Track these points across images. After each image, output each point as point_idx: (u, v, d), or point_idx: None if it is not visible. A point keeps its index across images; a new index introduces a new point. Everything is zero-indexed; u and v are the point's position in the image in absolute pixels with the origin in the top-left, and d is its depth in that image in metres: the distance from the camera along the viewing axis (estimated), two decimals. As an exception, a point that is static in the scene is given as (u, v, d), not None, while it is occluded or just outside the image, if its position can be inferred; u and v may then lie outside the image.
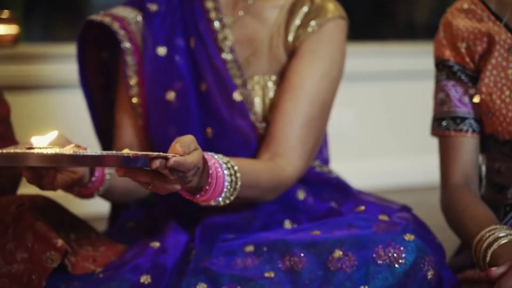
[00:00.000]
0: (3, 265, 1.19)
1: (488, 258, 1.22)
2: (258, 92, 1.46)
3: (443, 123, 1.43)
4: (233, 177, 1.24)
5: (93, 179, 1.28)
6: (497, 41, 1.36)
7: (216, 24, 1.47)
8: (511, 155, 1.36)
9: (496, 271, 1.15)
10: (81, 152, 1.03)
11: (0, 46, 2.47)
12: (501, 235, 1.24)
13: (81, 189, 1.28)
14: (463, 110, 1.42)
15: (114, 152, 1.03)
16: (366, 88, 3.05)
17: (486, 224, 1.28)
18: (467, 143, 1.41)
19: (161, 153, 1.05)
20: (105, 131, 1.59)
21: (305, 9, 1.46)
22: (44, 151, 1.02)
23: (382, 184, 2.92)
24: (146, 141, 1.49)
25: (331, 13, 1.46)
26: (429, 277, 1.23)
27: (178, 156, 1.06)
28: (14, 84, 2.44)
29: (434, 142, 1.48)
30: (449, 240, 1.39)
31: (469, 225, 1.33)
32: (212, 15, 1.47)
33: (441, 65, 1.44)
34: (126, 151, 1.05)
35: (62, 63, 2.54)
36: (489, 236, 1.24)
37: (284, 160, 1.39)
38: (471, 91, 1.41)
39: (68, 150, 1.04)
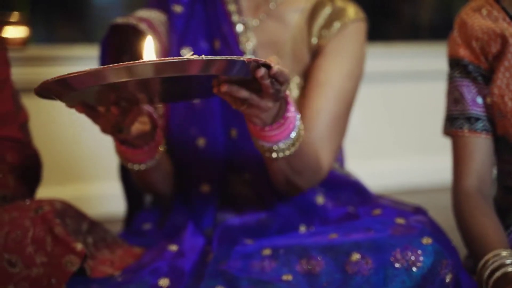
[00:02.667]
0: (23, 269, 1.19)
1: (490, 284, 1.23)
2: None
3: (457, 123, 1.42)
4: (300, 131, 1.25)
5: (152, 143, 1.30)
6: (510, 43, 1.36)
7: (239, 27, 1.49)
8: None
9: None
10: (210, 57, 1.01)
11: (9, 48, 2.46)
12: (507, 262, 1.24)
13: (139, 152, 1.30)
14: (477, 110, 1.41)
15: (224, 56, 1.02)
16: (371, 89, 3.06)
17: (493, 243, 1.28)
18: (482, 144, 1.41)
19: (260, 59, 1.05)
20: None
21: (327, 10, 1.49)
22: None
23: (387, 185, 2.93)
24: (167, 141, 1.49)
25: (354, 15, 1.49)
26: (447, 281, 1.23)
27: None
28: (25, 86, 2.44)
29: (439, 142, 1.47)
30: (460, 242, 1.39)
31: (476, 241, 1.33)
32: (235, 18, 1.49)
33: (455, 63, 1.44)
34: None
35: (66, 65, 2.55)
36: (494, 262, 1.24)
37: None
38: (485, 91, 1.41)
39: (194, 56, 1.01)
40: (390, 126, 3.14)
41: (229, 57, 1.02)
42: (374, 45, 3.21)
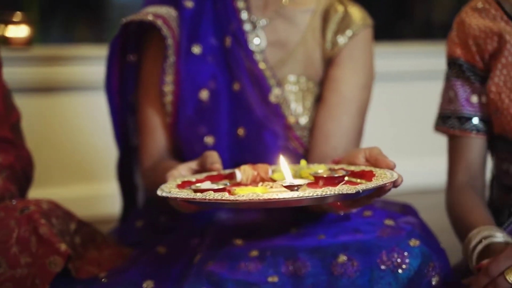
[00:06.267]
0: (7, 269, 1.20)
1: (474, 258, 1.23)
2: (293, 93, 1.47)
3: (449, 122, 1.44)
4: None
5: None
6: (507, 41, 1.35)
7: (248, 25, 1.48)
8: None
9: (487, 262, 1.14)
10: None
11: (13, 48, 2.49)
12: (489, 234, 1.24)
13: None
14: (469, 110, 1.42)
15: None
16: (384, 88, 3.03)
17: (477, 221, 1.30)
18: (472, 143, 1.42)
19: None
20: (121, 135, 1.60)
21: (339, 14, 1.49)
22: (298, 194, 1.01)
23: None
24: (174, 140, 1.50)
25: (364, 21, 1.50)
26: (434, 283, 1.21)
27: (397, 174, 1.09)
28: (30, 86, 2.46)
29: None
30: (450, 244, 1.37)
31: (463, 224, 1.34)
32: (244, 15, 1.49)
33: (452, 63, 1.44)
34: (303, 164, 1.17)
35: (80, 65, 2.56)
36: (477, 236, 1.25)
37: None
38: (479, 91, 1.41)
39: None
40: (405, 126, 3.11)
41: (364, 188, 1.02)
42: (388, 44, 3.19)
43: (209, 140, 1.47)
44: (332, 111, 1.47)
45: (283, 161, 1.13)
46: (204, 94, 1.46)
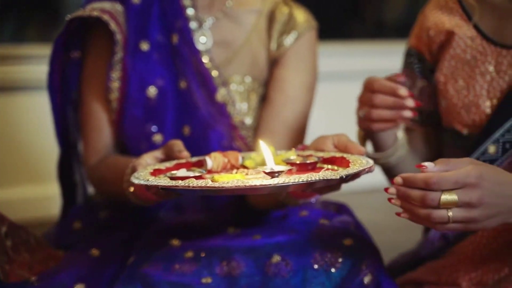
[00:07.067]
0: None
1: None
2: (238, 93, 1.47)
3: None
4: None
5: None
6: (457, 34, 1.38)
7: (194, 23, 1.48)
8: (465, 150, 1.36)
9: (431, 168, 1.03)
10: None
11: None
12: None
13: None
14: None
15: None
16: (336, 87, 3.04)
17: None
18: (411, 131, 1.47)
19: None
20: (62, 132, 1.57)
21: (284, 17, 1.50)
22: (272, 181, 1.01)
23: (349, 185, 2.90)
24: (119, 137, 1.48)
25: (308, 23, 1.51)
26: (366, 282, 1.21)
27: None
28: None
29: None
30: (386, 243, 1.38)
31: None
32: (189, 12, 1.48)
33: (406, 54, 1.48)
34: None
35: (30, 64, 2.53)
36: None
37: None
38: (419, 83, 1.45)
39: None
40: (356, 126, 3.11)
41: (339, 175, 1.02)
42: (340, 43, 3.20)
43: (157, 138, 1.46)
44: (277, 111, 1.47)
45: (264, 147, 1.12)
46: (151, 92, 1.45)
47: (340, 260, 1.22)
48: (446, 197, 0.98)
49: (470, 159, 1.02)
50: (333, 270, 1.22)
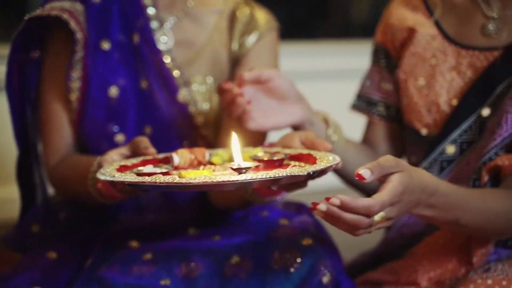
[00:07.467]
0: None
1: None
2: (200, 93, 1.46)
3: (360, 103, 1.51)
4: None
5: None
6: (418, 31, 1.39)
7: (155, 23, 1.46)
8: (424, 150, 1.37)
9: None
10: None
11: None
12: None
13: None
14: (377, 95, 1.48)
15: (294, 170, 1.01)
16: (302, 87, 3.04)
17: None
18: (374, 126, 1.50)
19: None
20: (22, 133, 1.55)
21: (246, 18, 1.50)
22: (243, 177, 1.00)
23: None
24: (79, 137, 1.46)
25: (269, 24, 1.51)
26: (324, 282, 1.21)
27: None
28: None
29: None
30: (346, 242, 1.38)
31: None
32: (150, 11, 1.46)
33: (374, 49, 1.50)
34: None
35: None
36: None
37: None
38: (387, 78, 1.46)
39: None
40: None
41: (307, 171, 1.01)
42: (306, 43, 3.21)
43: (119, 138, 1.44)
44: None
45: (235, 140, 1.11)
46: (113, 91, 1.44)
47: (299, 260, 1.22)
48: (377, 219, 1.00)
49: (396, 161, 1.01)
50: (292, 270, 1.22)
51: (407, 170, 1.01)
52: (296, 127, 1.33)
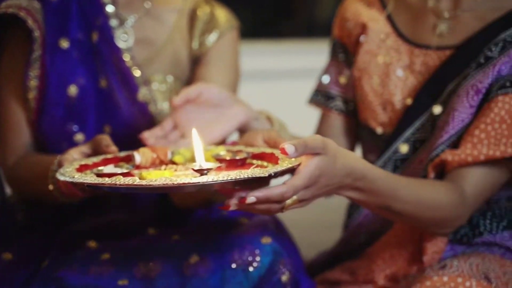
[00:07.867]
0: None
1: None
2: (160, 92, 1.46)
3: (318, 97, 1.51)
4: None
5: None
6: (371, 28, 1.40)
7: (114, 21, 1.45)
8: (378, 148, 1.37)
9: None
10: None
11: None
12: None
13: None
14: (335, 90, 1.48)
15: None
16: (266, 86, 3.05)
17: None
18: (331, 120, 1.49)
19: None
20: None
21: (206, 16, 1.50)
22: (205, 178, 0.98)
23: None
24: (37, 136, 1.44)
25: (229, 22, 1.51)
26: (283, 280, 1.21)
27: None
28: None
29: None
30: (307, 241, 1.39)
31: None
32: (109, 9, 1.45)
33: (332, 44, 1.50)
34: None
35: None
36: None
37: None
38: (346, 72, 1.46)
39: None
40: (288, 124, 3.13)
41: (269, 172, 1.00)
42: (270, 42, 3.21)
43: (79, 137, 1.43)
44: None
45: (196, 138, 1.09)
46: (72, 90, 1.42)
47: (258, 259, 1.22)
48: (289, 202, 1.00)
49: (324, 143, 1.01)
50: (251, 269, 1.22)
51: (331, 153, 1.01)
52: (243, 128, 1.32)
